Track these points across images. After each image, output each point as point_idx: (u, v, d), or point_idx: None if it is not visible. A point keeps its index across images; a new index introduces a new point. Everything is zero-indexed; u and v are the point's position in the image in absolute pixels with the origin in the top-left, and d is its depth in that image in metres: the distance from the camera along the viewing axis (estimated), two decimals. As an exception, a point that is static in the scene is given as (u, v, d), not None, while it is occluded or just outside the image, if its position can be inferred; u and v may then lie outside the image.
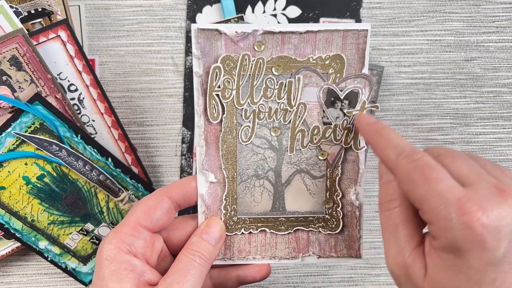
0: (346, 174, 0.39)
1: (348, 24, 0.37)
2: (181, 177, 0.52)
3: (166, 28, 0.52)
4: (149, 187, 0.49)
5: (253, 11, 0.51)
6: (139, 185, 0.49)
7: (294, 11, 0.52)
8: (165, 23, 0.52)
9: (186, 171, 0.52)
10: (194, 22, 0.51)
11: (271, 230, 0.39)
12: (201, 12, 0.51)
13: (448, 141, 0.53)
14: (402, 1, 0.53)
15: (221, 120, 0.38)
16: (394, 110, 0.53)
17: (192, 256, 0.35)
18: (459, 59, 0.53)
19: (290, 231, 0.39)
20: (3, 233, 0.46)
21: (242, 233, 0.39)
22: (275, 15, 0.52)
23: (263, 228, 0.39)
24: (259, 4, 0.51)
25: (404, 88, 0.53)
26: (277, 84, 0.37)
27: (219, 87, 0.37)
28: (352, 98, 0.38)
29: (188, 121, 0.52)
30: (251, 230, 0.39)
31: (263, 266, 0.40)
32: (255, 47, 0.37)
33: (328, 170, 0.39)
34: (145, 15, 0.52)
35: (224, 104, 0.37)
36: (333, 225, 0.39)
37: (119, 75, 0.52)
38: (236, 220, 0.39)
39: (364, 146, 0.39)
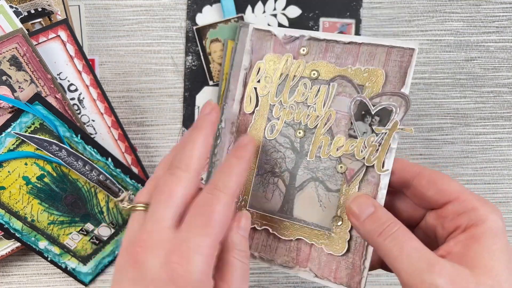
0: None
1: (394, 40, 0.36)
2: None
3: (166, 28, 0.52)
4: (149, 187, 0.49)
5: (253, 11, 0.51)
6: (139, 185, 0.49)
7: (294, 11, 0.52)
8: (165, 23, 0.52)
9: (186, 171, 0.52)
10: (194, 22, 0.51)
11: (274, 232, 0.39)
12: (201, 12, 0.51)
13: (448, 141, 0.53)
14: (402, 1, 0.53)
15: (253, 112, 0.39)
16: (394, 110, 0.53)
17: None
18: (459, 59, 0.53)
19: (292, 238, 0.39)
20: (3, 233, 0.46)
21: None
22: (275, 15, 0.52)
23: (266, 227, 0.39)
24: (259, 4, 0.51)
25: (404, 88, 0.53)
26: (311, 88, 0.38)
27: (258, 81, 0.39)
28: (384, 115, 0.36)
29: (188, 121, 0.52)
30: (255, 226, 0.39)
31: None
32: (300, 50, 0.38)
33: (345, 186, 0.37)
34: (145, 15, 0.52)
35: (259, 98, 0.39)
36: (338, 247, 0.37)
37: (119, 75, 0.52)
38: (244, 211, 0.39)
39: (388, 170, 0.35)
